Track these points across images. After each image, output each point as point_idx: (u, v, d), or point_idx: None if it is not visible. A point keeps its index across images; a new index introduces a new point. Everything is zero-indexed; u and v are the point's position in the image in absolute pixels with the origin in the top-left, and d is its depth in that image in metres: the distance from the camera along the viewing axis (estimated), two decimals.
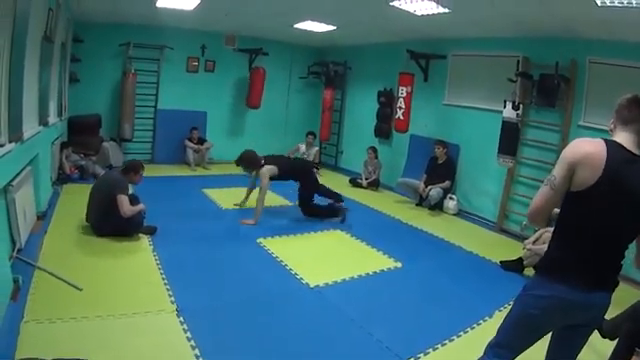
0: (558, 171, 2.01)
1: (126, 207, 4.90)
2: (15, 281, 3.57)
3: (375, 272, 4.81)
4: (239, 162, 6.46)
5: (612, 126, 2.20)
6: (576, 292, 1.98)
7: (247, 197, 6.93)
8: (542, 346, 2.24)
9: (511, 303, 4.24)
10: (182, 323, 3.39)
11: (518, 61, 6.66)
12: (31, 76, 4.71)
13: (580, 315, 2.06)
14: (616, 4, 4.40)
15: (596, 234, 1.98)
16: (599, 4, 4.52)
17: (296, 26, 8.58)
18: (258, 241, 5.43)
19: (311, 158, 9.56)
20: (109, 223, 4.98)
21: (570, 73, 6.16)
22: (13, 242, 4.16)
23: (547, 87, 6.37)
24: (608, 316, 3.58)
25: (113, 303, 3.60)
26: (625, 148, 1.97)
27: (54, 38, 5.85)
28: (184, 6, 7.30)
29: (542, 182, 2.14)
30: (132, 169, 5.21)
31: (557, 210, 2.12)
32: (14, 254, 4.06)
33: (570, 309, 2.03)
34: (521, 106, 6.38)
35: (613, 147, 1.96)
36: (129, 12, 8.08)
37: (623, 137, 2.03)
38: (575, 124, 6.21)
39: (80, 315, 3.34)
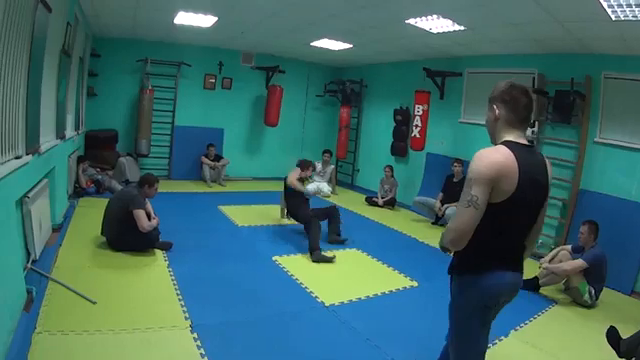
0: (478, 191, 1.99)
1: (144, 222, 4.92)
2: (29, 292, 3.58)
3: (391, 291, 4.73)
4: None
5: (497, 113, 2.20)
6: (516, 275, 2.23)
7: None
8: None
9: (527, 322, 4.19)
10: (196, 339, 3.34)
11: (534, 78, 6.64)
12: (49, 89, 4.76)
13: (509, 293, 2.28)
14: (630, 18, 4.36)
15: (519, 227, 2.18)
16: (613, 19, 4.48)
17: (313, 44, 8.61)
18: (274, 259, 5.39)
19: (327, 177, 9.53)
20: (125, 238, 5.00)
21: (585, 89, 6.11)
22: (28, 253, 4.16)
23: (562, 103, 6.31)
24: (627, 334, 3.55)
25: (127, 317, 3.57)
26: (520, 144, 2.10)
27: (72, 52, 5.93)
28: (201, 23, 7.37)
29: (558, 200, 2.18)
30: (146, 182, 5.21)
31: None
32: (28, 265, 4.06)
33: (506, 290, 2.23)
34: (536, 123, 6.33)
35: (515, 149, 2.05)
36: (147, 28, 8.18)
37: (517, 134, 2.15)
38: (591, 140, 6.17)
39: (93, 328, 3.31)
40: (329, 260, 5.40)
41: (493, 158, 2.00)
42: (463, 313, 2.36)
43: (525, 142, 2.13)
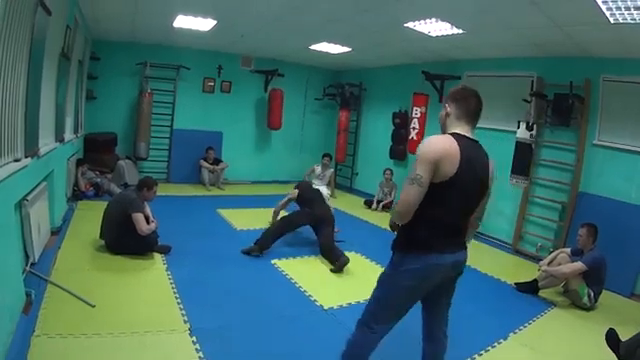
0: (422, 170, 2.25)
1: (143, 225, 4.93)
2: (28, 295, 3.57)
3: None
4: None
5: (448, 110, 2.50)
6: (445, 256, 2.39)
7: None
8: None
9: (526, 325, 4.19)
10: (195, 343, 3.34)
11: (532, 81, 6.64)
12: (48, 92, 4.77)
13: (452, 271, 2.50)
14: (629, 21, 4.37)
15: (456, 212, 2.39)
16: (612, 22, 4.49)
17: (312, 48, 8.63)
18: (272, 262, 5.40)
19: (326, 180, 9.51)
20: (124, 241, 5.00)
21: (584, 92, 6.13)
22: (27, 256, 4.16)
23: (561, 106, 6.33)
24: (626, 336, 3.55)
25: (125, 321, 3.56)
26: (467, 137, 2.37)
27: (71, 55, 5.93)
28: (200, 27, 7.37)
29: (557, 203, 2.31)
30: (145, 185, 5.21)
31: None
32: (27, 268, 4.05)
33: (443, 270, 2.43)
34: (535, 126, 6.34)
35: (461, 139, 2.33)
36: (146, 32, 8.19)
37: (464, 128, 2.41)
38: (590, 143, 6.18)
39: (91, 331, 3.31)
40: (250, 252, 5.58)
41: (439, 142, 2.29)
42: (392, 286, 2.52)
43: (474, 137, 2.42)
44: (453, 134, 2.36)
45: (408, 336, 3.03)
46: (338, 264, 5.31)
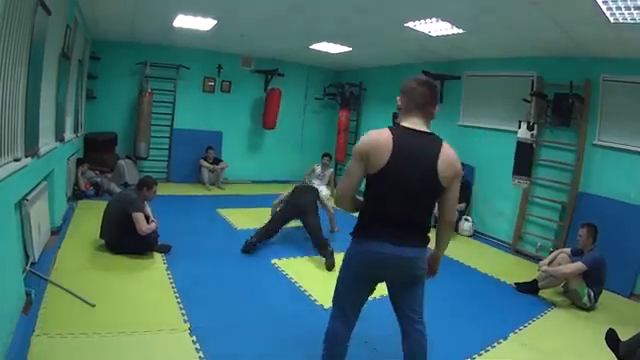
0: (354, 162, 2.44)
1: (143, 225, 4.93)
2: (27, 294, 3.57)
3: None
4: None
5: (398, 103, 2.57)
6: (385, 246, 2.41)
7: None
8: None
9: (526, 325, 4.20)
10: (195, 342, 3.35)
11: (532, 81, 6.63)
12: (48, 92, 4.76)
13: (392, 264, 2.46)
14: (629, 20, 4.37)
15: (399, 204, 2.40)
16: (612, 21, 4.49)
17: (312, 47, 8.62)
18: (272, 262, 5.40)
19: (326, 180, 9.48)
20: (124, 241, 5.00)
21: (584, 92, 6.13)
22: (27, 256, 4.16)
23: (562, 106, 6.32)
24: (626, 336, 3.55)
25: (125, 320, 3.57)
26: (410, 128, 2.44)
27: (71, 55, 5.93)
28: (200, 27, 7.36)
29: (557, 203, 2.32)
30: (145, 185, 5.21)
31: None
32: (27, 268, 4.05)
33: (387, 261, 2.45)
34: (536, 126, 6.34)
35: (398, 131, 2.42)
36: (146, 31, 8.19)
37: (412, 121, 2.47)
38: (590, 143, 6.18)
39: (91, 331, 3.32)
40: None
41: (370, 137, 2.43)
42: (343, 268, 2.67)
43: (421, 129, 2.45)
44: (397, 126, 2.48)
45: None
46: (327, 265, 5.35)
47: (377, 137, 2.39)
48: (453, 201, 2.53)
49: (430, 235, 2.56)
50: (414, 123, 2.45)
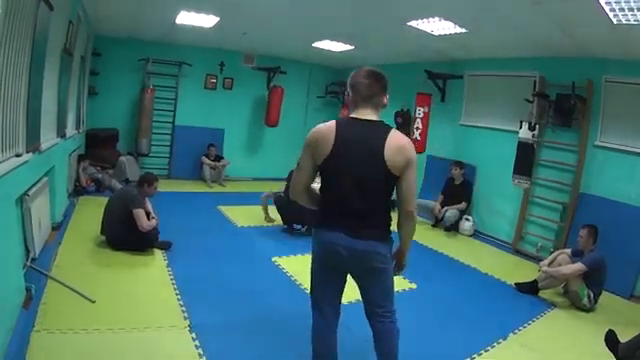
0: (303, 155, 2.51)
1: (144, 221, 4.93)
2: (28, 290, 3.57)
3: None
4: None
5: (346, 98, 2.65)
6: (340, 237, 2.42)
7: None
8: None
9: (526, 326, 4.19)
10: (194, 339, 3.35)
11: (535, 81, 6.62)
12: (50, 88, 4.76)
13: (347, 256, 2.44)
14: (632, 22, 4.36)
15: (345, 191, 2.39)
16: (615, 22, 4.47)
17: (314, 45, 8.61)
18: (273, 260, 5.40)
19: None
20: (124, 237, 5.01)
21: (586, 92, 6.11)
22: (27, 251, 4.16)
23: (563, 107, 6.30)
24: (626, 337, 3.55)
25: (125, 316, 3.57)
26: (355, 118, 2.45)
27: (73, 51, 5.93)
28: (203, 24, 7.36)
29: (558, 203, 2.30)
30: (146, 181, 5.22)
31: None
32: (28, 263, 4.05)
33: (337, 251, 2.45)
34: (537, 126, 6.33)
35: (343, 121, 2.48)
36: (149, 28, 8.19)
37: (359, 112, 2.47)
38: (591, 144, 6.16)
39: (91, 327, 3.32)
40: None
41: (315, 128, 2.48)
42: (312, 261, 2.68)
43: (368, 118, 2.44)
44: (344, 118, 2.53)
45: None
46: None
47: (321, 128, 2.45)
48: (410, 190, 2.45)
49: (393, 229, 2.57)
50: (361, 113, 2.45)
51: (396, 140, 2.37)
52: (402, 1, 5.18)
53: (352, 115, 2.48)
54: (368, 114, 2.45)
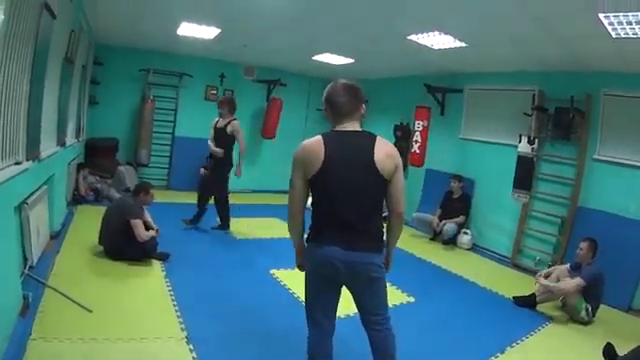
0: (294, 173, 2.55)
1: (141, 231, 4.93)
2: (25, 298, 3.56)
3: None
4: None
5: (325, 113, 2.66)
6: (335, 250, 2.43)
7: None
8: None
9: (524, 339, 4.18)
10: (191, 351, 3.33)
11: (534, 95, 6.65)
12: (51, 96, 4.78)
13: (344, 269, 2.46)
14: (630, 35, 4.40)
15: (338, 202, 2.44)
16: (614, 36, 4.52)
17: (315, 58, 8.66)
18: (271, 272, 5.38)
19: None
20: (122, 247, 4.99)
21: (585, 106, 6.15)
22: (25, 259, 4.15)
23: (562, 121, 6.35)
24: (624, 351, 3.54)
25: (122, 327, 3.56)
26: (341, 130, 2.51)
27: (75, 60, 5.96)
28: (204, 35, 7.40)
29: (557, 217, 2.30)
30: (142, 190, 5.23)
31: None
32: (26, 271, 4.05)
33: (333, 265, 2.46)
34: (536, 140, 6.35)
35: (330, 135, 2.50)
36: (150, 38, 8.23)
37: (340, 125, 2.53)
38: (590, 157, 6.18)
39: (88, 336, 3.31)
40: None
41: (304, 145, 2.51)
42: (306, 275, 2.70)
43: (352, 129, 2.51)
44: (330, 132, 2.54)
45: None
46: None
47: (309, 143, 2.48)
48: (400, 192, 2.53)
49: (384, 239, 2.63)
50: (345, 126, 2.52)
51: (384, 147, 2.47)
52: (402, 15, 5.22)
53: (337, 128, 2.53)
54: (352, 125, 2.53)
